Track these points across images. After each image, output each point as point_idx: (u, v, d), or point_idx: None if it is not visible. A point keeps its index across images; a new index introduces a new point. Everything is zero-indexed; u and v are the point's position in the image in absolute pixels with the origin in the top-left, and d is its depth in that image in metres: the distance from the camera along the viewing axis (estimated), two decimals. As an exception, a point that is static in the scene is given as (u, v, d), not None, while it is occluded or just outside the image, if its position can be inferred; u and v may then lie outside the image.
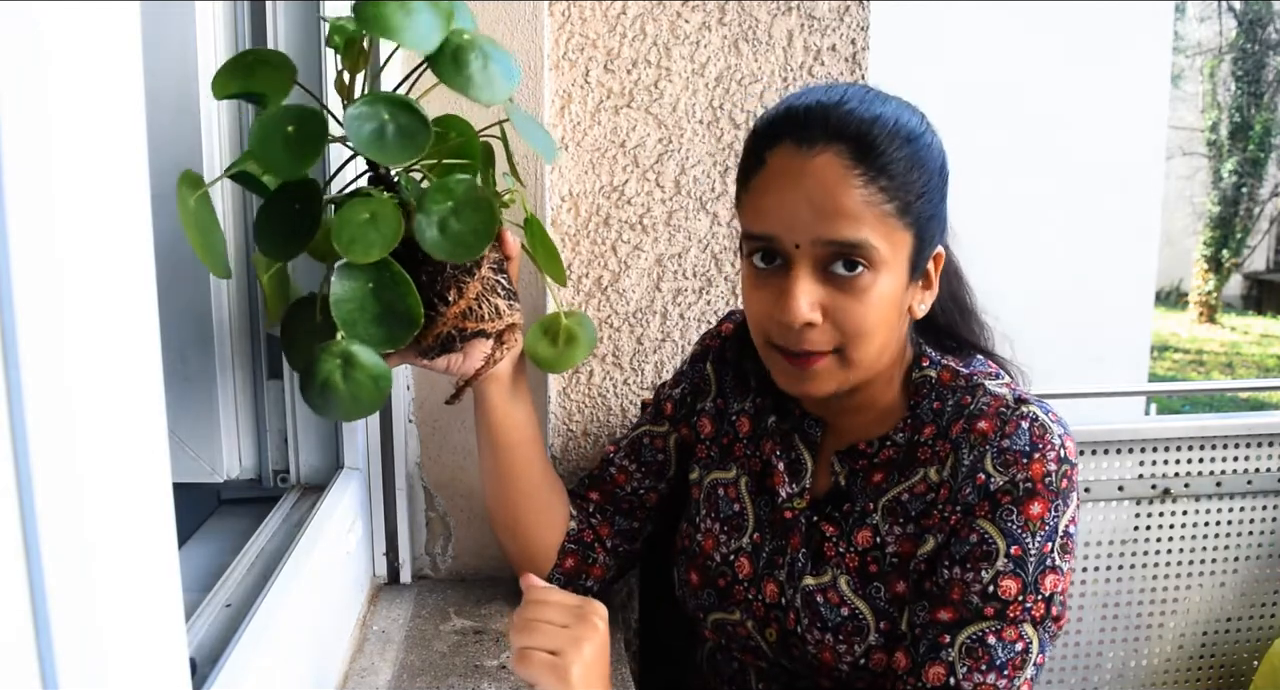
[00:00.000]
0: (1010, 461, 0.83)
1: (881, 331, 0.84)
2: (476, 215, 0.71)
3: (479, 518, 1.18)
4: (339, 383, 0.70)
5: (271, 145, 0.66)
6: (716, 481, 1.00)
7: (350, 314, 0.70)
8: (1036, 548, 0.82)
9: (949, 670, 0.81)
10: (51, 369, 0.36)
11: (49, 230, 0.36)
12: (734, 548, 0.97)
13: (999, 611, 0.81)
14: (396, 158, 0.68)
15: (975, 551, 0.83)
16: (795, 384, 0.87)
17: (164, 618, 0.46)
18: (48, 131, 0.36)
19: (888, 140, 0.80)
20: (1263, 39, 10.00)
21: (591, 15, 1.19)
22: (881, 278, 0.81)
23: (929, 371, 0.90)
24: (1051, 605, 0.82)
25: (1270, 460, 1.65)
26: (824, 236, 0.80)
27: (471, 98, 0.70)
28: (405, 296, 0.71)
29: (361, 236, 0.68)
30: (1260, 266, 11.47)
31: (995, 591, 0.81)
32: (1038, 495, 0.82)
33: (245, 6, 0.97)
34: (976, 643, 0.81)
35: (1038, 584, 0.82)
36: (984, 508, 0.83)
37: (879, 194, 0.79)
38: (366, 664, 0.96)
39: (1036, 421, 0.84)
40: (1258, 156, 10.15)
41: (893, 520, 0.88)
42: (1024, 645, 0.81)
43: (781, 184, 0.81)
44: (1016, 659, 0.81)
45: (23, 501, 0.35)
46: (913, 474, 0.88)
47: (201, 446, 0.97)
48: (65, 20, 0.37)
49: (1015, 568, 0.81)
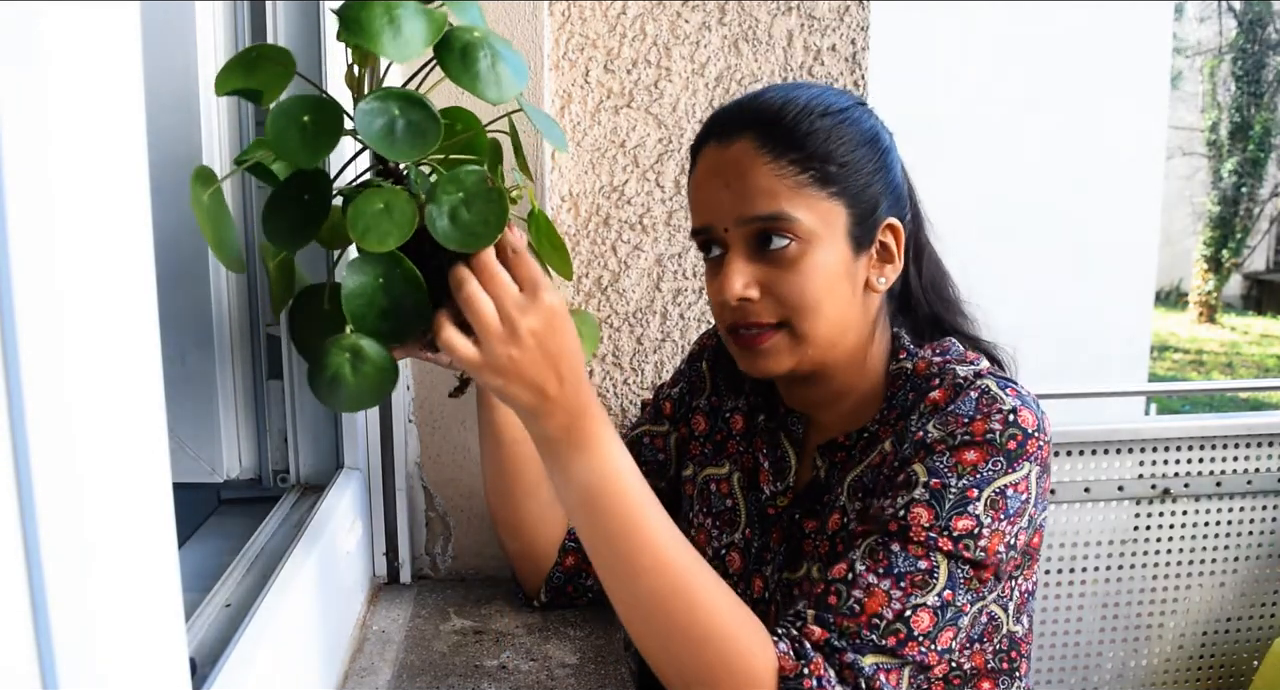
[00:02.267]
0: (950, 421, 0.81)
1: (828, 304, 0.85)
2: (487, 206, 0.71)
3: (479, 518, 1.18)
4: (348, 375, 0.71)
5: (288, 134, 0.67)
6: (709, 477, 1.01)
7: (360, 309, 0.71)
8: (958, 488, 0.78)
9: (849, 567, 0.78)
10: (51, 369, 0.36)
11: (49, 230, 0.36)
12: (725, 543, 0.97)
13: (901, 529, 0.78)
14: (406, 154, 0.68)
15: (896, 483, 0.81)
16: (752, 363, 0.88)
17: (164, 618, 0.46)
18: (48, 131, 0.36)
19: (798, 117, 0.84)
20: (1263, 39, 10.01)
21: (591, 15, 1.19)
22: (815, 249, 0.84)
23: (905, 363, 0.90)
24: (959, 544, 0.77)
25: (1270, 460, 1.65)
26: (744, 215, 0.84)
27: (480, 96, 0.70)
28: (414, 291, 0.72)
29: (376, 226, 0.69)
30: (1260, 266, 11.49)
31: (905, 515, 0.78)
32: (975, 445, 0.79)
33: (245, 6, 0.97)
34: (879, 546, 0.78)
35: (950, 521, 0.77)
36: (919, 456, 0.81)
37: (789, 166, 0.83)
38: (366, 664, 0.96)
39: (987, 393, 0.81)
40: (1258, 156, 10.16)
41: (855, 498, 0.88)
42: (929, 566, 0.77)
43: (708, 178, 0.87)
44: (917, 576, 0.77)
45: (23, 501, 0.35)
46: (871, 450, 0.88)
47: (201, 446, 0.97)
48: (65, 20, 0.37)
49: (930, 498, 0.78)
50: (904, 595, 0.76)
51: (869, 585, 0.77)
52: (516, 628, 1.05)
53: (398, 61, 0.69)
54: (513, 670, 0.96)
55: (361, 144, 0.72)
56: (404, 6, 0.67)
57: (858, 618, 0.76)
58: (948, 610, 0.77)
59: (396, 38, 0.66)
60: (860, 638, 0.75)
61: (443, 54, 0.70)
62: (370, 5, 0.66)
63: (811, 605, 0.78)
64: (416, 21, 0.68)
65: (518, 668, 0.96)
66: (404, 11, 0.67)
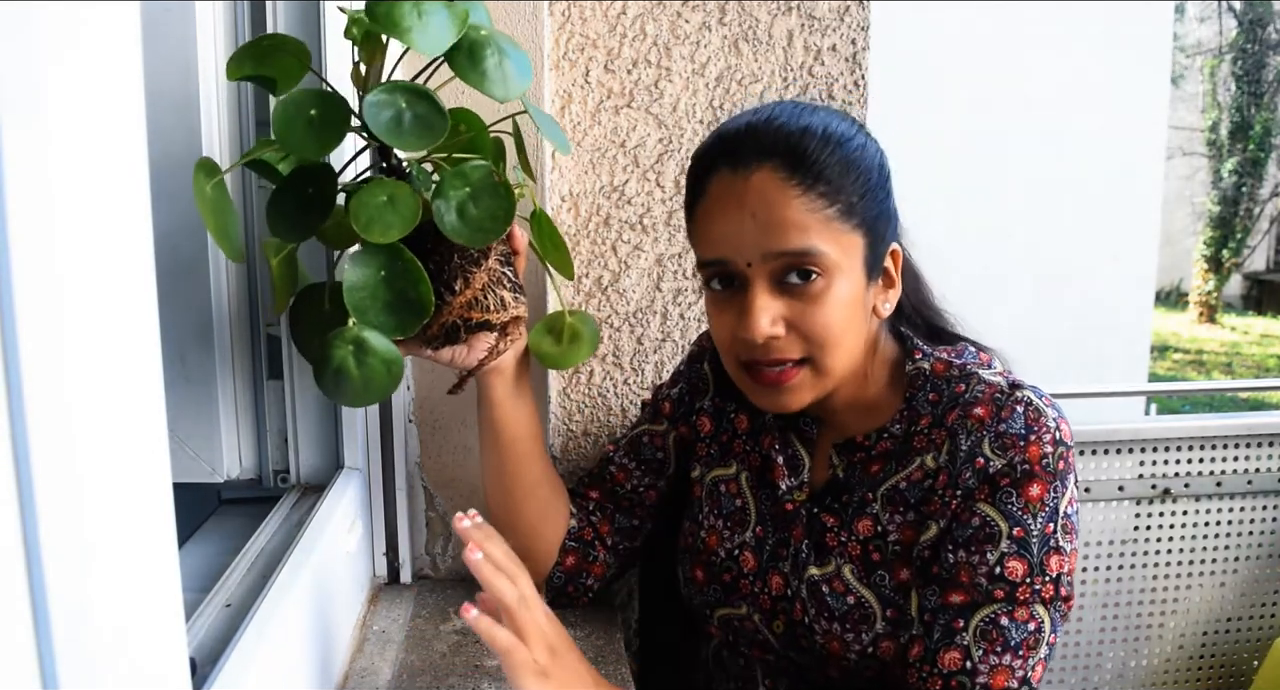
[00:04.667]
0: (1008, 445, 0.83)
1: (849, 336, 0.85)
2: (494, 201, 0.71)
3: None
4: (352, 368, 0.71)
5: (294, 128, 0.67)
6: (718, 478, 1.01)
7: (362, 301, 0.71)
8: (1039, 529, 0.82)
9: (965, 654, 0.81)
10: (52, 369, 0.36)
11: (49, 229, 0.36)
12: (737, 542, 0.97)
13: (1009, 593, 0.82)
14: (413, 144, 0.69)
15: (978, 535, 0.83)
16: (773, 400, 0.87)
17: (164, 618, 0.46)
18: (48, 130, 0.36)
19: (819, 147, 0.82)
20: (1263, 39, 10.01)
21: (591, 15, 1.19)
22: (837, 282, 0.83)
23: (922, 364, 0.91)
24: (1060, 585, 0.83)
25: (1270, 460, 1.65)
26: (773, 249, 0.82)
27: (486, 93, 0.70)
28: (417, 284, 0.72)
29: (380, 217, 0.69)
30: (1260, 266, 11.48)
31: (1002, 573, 0.82)
32: (1036, 477, 0.83)
33: (245, 6, 0.97)
34: (990, 625, 0.81)
35: (1043, 565, 0.82)
36: (984, 492, 0.83)
37: (819, 200, 0.82)
38: (366, 664, 0.96)
39: (1031, 406, 0.85)
40: (1258, 156, 10.15)
41: (893, 509, 0.88)
42: (1036, 625, 0.82)
43: (724, 208, 0.83)
44: (1030, 639, 0.81)
45: (23, 501, 0.35)
46: (909, 462, 0.89)
47: (201, 446, 0.97)
48: (65, 19, 0.37)
49: (1019, 549, 0.82)
50: (1024, 662, 0.81)
51: (993, 667, 0.81)
52: (516, 628, 1.05)
53: (428, 54, 0.70)
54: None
55: (364, 142, 0.72)
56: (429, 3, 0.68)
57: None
58: (1051, 650, 0.83)
59: (425, 31, 0.67)
60: None
61: (451, 52, 0.70)
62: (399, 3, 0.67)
63: None
64: (443, 16, 0.68)
65: (518, 668, 0.96)
66: (430, 7, 0.68)
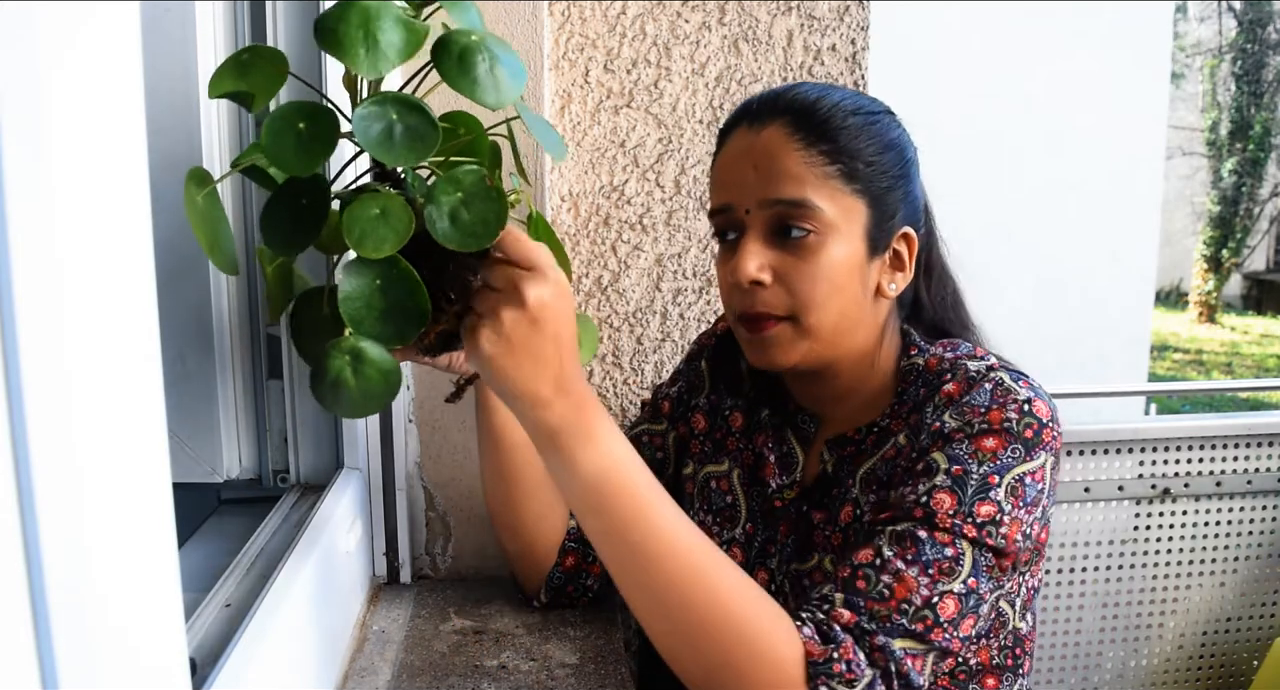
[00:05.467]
0: (967, 411, 0.82)
1: (836, 299, 0.85)
2: (486, 205, 0.70)
3: (479, 518, 1.18)
4: (350, 379, 0.70)
5: (283, 142, 0.66)
6: (709, 475, 1.01)
7: (358, 311, 0.70)
8: (980, 474, 0.79)
9: (876, 552, 0.78)
10: (51, 369, 0.36)
11: (49, 230, 0.36)
12: (726, 538, 0.98)
13: (927, 516, 0.79)
14: (404, 159, 0.67)
15: (918, 471, 0.81)
16: (758, 353, 0.89)
17: (164, 618, 0.46)
18: (48, 131, 0.36)
19: (830, 111, 0.86)
20: (1263, 39, 10.01)
21: (591, 15, 1.19)
22: (831, 243, 0.84)
23: (917, 359, 0.91)
24: (984, 531, 0.78)
25: (1270, 460, 1.65)
26: (768, 196, 0.85)
27: (478, 101, 0.68)
28: (413, 293, 0.71)
29: (372, 232, 0.68)
30: (1260, 266, 11.48)
31: (928, 502, 0.79)
32: (993, 433, 0.80)
33: (245, 6, 0.97)
34: (906, 534, 0.78)
35: (973, 507, 0.78)
36: (938, 445, 0.82)
37: (819, 157, 0.84)
38: (366, 664, 0.96)
39: (1001, 384, 0.83)
40: (1258, 156, 10.16)
41: (869, 490, 0.88)
42: (955, 553, 0.78)
43: (734, 158, 0.88)
44: (944, 564, 0.77)
45: (23, 501, 0.35)
46: (885, 444, 0.88)
47: (201, 446, 0.97)
48: (65, 20, 0.37)
49: (953, 484, 0.79)
50: (931, 582, 0.77)
51: (898, 571, 0.77)
52: (516, 628, 1.05)
53: (369, 77, 0.66)
54: (513, 670, 0.96)
55: (359, 147, 0.71)
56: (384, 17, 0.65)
57: (888, 602, 0.76)
58: (970, 598, 0.78)
59: (372, 51, 0.64)
60: (891, 622, 0.75)
61: (440, 58, 0.68)
62: (347, 16, 0.64)
63: (839, 589, 0.78)
64: (394, 33, 0.65)
65: (518, 668, 0.96)
66: (383, 22, 0.65)
